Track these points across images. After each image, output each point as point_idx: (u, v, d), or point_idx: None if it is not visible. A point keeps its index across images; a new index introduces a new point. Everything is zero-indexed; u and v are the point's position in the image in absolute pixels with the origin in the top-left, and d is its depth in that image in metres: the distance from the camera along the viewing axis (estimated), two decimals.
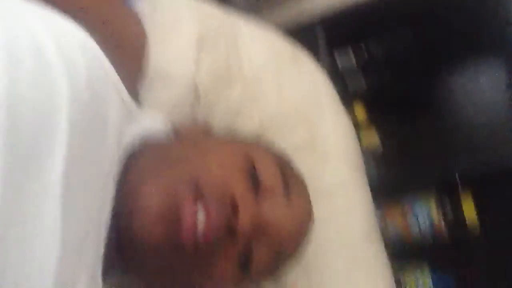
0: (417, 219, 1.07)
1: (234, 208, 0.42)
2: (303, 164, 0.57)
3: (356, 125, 0.88)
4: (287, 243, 0.47)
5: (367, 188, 0.74)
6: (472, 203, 1.04)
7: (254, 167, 0.46)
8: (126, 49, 0.50)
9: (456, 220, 1.05)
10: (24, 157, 0.32)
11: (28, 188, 0.32)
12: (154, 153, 0.47)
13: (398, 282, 1.03)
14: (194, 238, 0.40)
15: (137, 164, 0.45)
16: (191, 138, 0.53)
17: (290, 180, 0.49)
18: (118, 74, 0.45)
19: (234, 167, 0.45)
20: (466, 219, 1.04)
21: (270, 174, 0.47)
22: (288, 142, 0.67)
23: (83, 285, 0.37)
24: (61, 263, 0.33)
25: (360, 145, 0.89)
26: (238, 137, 0.59)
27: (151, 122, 0.52)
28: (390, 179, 1.09)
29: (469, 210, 1.04)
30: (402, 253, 1.06)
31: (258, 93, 0.68)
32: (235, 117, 0.65)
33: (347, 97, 0.86)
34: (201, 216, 0.40)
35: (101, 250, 0.41)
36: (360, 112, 1.21)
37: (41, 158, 0.33)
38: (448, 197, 1.07)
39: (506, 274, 1.03)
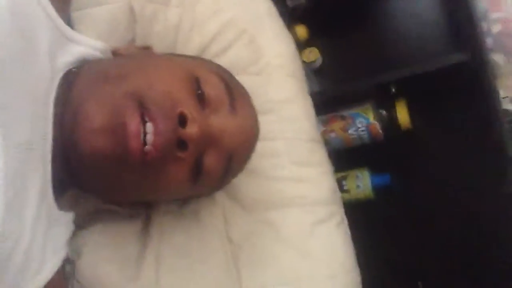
0: (357, 128, 1.14)
1: (182, 119, 0.43)
2: (247, 81, 0.59)
3: (298, 42, 0.90)
4: (236, 150, 0.50)
5: (310, 102, 0.78)
6: (406, 109, 1.13)
7: (198, 81, 0.48)
8: None
9: (392, 125, 1.14)
10: None
11: None
12: (95, 71, 0.47)
13: (340, 183, 1.13)
14: (141, 149, 0.41)
15: (78, 82, 0.45)
16: (132, 55, 0.53)
17: (234, 91, 0.51)
18: None
19: (178, 81, 0.46)
20: (400, 123, 1.13)
21: (214, 87, 0.48)
22: (230, 59, 0.68)
23: (33, 205, 0.39)
24: (7, 185, 0.34)
25: (302, 61, 0.93)
26: (180, 55, 0.59)
27: (89, 43, 0.51)
28: (331, 93, 1.15)
29: (403, 115, 1.13)
30: (344, 159, 1.16)
31: (197, 13, 0.68)
32: (174, 38, 0.65)
33: (287, 15, 0.87)
34: (149, 129, 0.41)
35: (48, 168, 0.42)
36: (301, 30, 1.22)
37: None
38: (384, 105, 1.15)
39: (434, 168, 1.16)
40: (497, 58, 1.04)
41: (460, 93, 1.10)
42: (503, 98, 1.00)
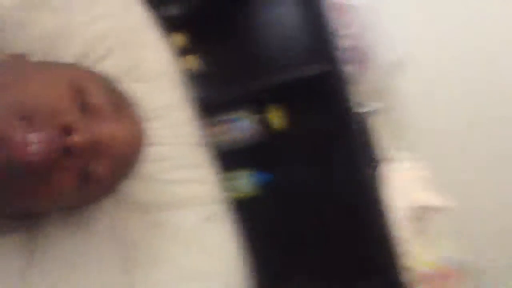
0: (238, 132, 1.22)
1: (66, 129, 0.44)
2: (129, 89, 0.61)
3: (177, 50, 0.93)
4: (121, 156, 0.51)
5: (192, 107, 0.82)
6: (280, 113, 1.24)
7: (80, 90, 0.48)
8: None
9: (267, 128, 1.24)
10: None
11: None
12: None
13: (224, 183, 1.19)
14: (26, 158, 0.41)
15: None
16: (7, 64, 0.51)
17: (117, 98, 0.52)
18: None
19: (60, 90, 0.46)
20: (275, 126, 1.24)
21: (96, 95, 0.49)
22: (109, 67, 0.68)
23: None
24: None
25: (183, 68, 0.96)
26: (58, 63, 0.58)
27: None
28: (212, 98, 1.20)
29: (277, 119, 1.24)
30: (227, 160, 1.22)
31: (73, 20, 0.67)
32: (50, 45, 0.63)
33: (165, 24, 0.90)
34: (32, 138, 0.41)
35: None
36: (179, 38, 1.25)
37: None
38: (260, 109, 1.25)
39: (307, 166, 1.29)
40: (349, 68, 1.21)
41: (321, 97, 1.25)
42: (356, 102, 1.17)
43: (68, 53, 0.65)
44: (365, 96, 1.24)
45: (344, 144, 1.20)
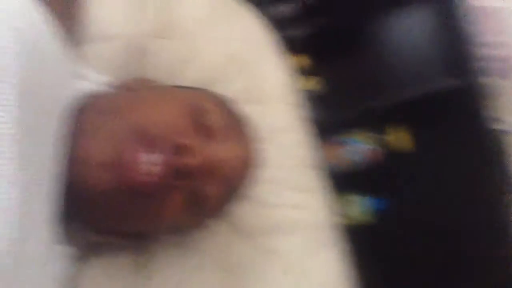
0: (354, 153, 1.17)
1: (180, 149, 0.44)
2: (246, 110, 0.61)
3: (298, 71, 0.93)
4: (234, 179, 0.51)
5: (308, 129, 0.80)
6: (404, 132, 1.15)
7: (198, 111, 0.49)
8: (66, 5, 0.50)
9: (387, 150, 1.16)
10: None
11: None
12: (97, 105, 0.48)
13: (338, 207, 1.14)
14: (139, 179, 0.42)
15: (81, 117, 0.46)
16: (134, 89, 0.54)
17: (234, 121, 0.52)
18: (56, 32, 0.44)
19: (177, 112, 0.47)
20: (398, 147, 1.15)
21: (214, 117, 0.50)
22: (231, 90, 0.70)
23: (34, 238, 0.39)
24: (21, 210, 0.34)
25: (301, 89, 0.95)
26: (181, 86, 0.62)
27: (94, 78, 0.53)
28: (328, 120, 1.17)
29: (401, 139, 1.15)
30: (341, 184, 1.17)
31: (200, 46, 0.70)
32: (179, 70, 0.67)
33: (287, 45, 0.91)
34: (146, 158, 0.42)
35: (53, 203, 0.42)
36: (301, 59, 1.26)
37: None
38: (381, 130, 1.17)
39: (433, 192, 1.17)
40: (489, 81, 1.06)
41: (454, 115, 1.13)
42: (493, 119, 1.03)
43: (189, 78, 0.68)
44: (504, 111, 1.08)
45: (478, 168, 1.06)
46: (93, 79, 0.53)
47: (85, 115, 0.47)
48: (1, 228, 0.33)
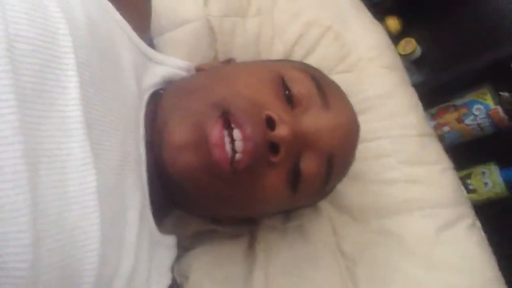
0: (475, 117, 1.00)
1: (270, 122, 0.40)
2: (338, 80, 0.55)
3: (391, 35, 0.83)
4: (335, 150, 0.45)
5: (413, 93, 0.70)
6: None
7: (284, 81, 0.44)
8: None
9: None
10: (35, 97, 0.31)
11: (47, 129, 0.31)
12: (178, 87, 0.47)
13: (464, 182, 0.99)
14: (228, 158, 0.39)
15: (163, 101, 0.45)
16: (214, 69, 0.52)
17: (326, 88, 0.46)
18: (127, 21, 0.43)
19: (262, 83, 0.43)
20: None
21: (302, 85, 0.45)
22: (316, 60, 0.64)
23: (134, 229, 0.37)
24: (102, 205, 0.33)
25: (399, 54, 0.85)
26: (264, 60, 0.57)
27: (172, 63, 0.51)
28: (438, 83, 1.04)
29: None
30: (464, 154, 1.02)
31: (276, 19, 0.66)
32: (256, 48, 0.63)
33: (376, 10, 0.81)
34: (236, 136, 0.39)
35: (145, 190, 0.41)
36: (393, 22, 1.14)
37: (54, 97, 0.32)
38: (504, 85, 0.99)
39: None
40: None
41: None
42: None
43: (274, 53, 0.64)
44: None
45: None
46: (170, 64, 0.51)
47: (166, 98, 0.45)
48: (90, 217, 0.32)
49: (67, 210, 0.31)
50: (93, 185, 0.32)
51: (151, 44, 0.52)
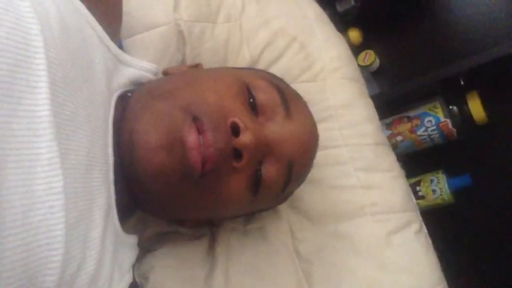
0: (426, 128, 1.06)
1: (235, 129, 0.42)
2: (301, 88, 0.57)
3: (352, 47, 0.87)
4: (294, 157, 0.47)
5: (371, 104, 0.74)
6: (479, 101, 1.03)
7: (249, 89, 0.46)
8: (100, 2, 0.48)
9: (464, 121, 1.04)
10: (4, 96, 0.31)
11: (15, 128, 0.31)
12: (146, 90, 0.47)
13: (414, 188, 1.05)
14: (201, 161, 0.40)
15: (131, 102, 0.45)
16: (182, 73, 0.53)
17: (288, 97, 0.48)
18: (98, 21, 0.44)
19: (228, 90, 0.45)
20: (475, 118, 1.03)
21: (266, 94, 0.46)
22: (281, 68, 0.66)
23: (99, 228, 0.38)
24: (67, 204, 0.33)
25: (359, 65, 0.89)
26: (229, 67, 0.59)
27: (140, 65, 0.52)
28: (394, 95, 1.09)
29: (477, 108, 1.03)
30: (415, 163, 1.08)
31: (244, 27, 0.67)
32: (224, 54, 0.64)
33: (339, 22, 0.85)
34: (201, 140, 0.40)
35: (111, 190, 0.41)
36: (354, 34, 1.18)
37: (23, 96, 0.32)
38: (454, 100, 1.06)
39: None
40: None
41: None
42: None
43: (240, 60, 0.65)
44: None
45: None
46: (137, 66, 0.51)
47: (135, 101, 0.46)
48: (55, 216, 0.32)
49: (32, 209, 0.31)
50: (59, 185, 0.33)
51: (119, 45, 0.52)
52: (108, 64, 0.44)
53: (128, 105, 0.45)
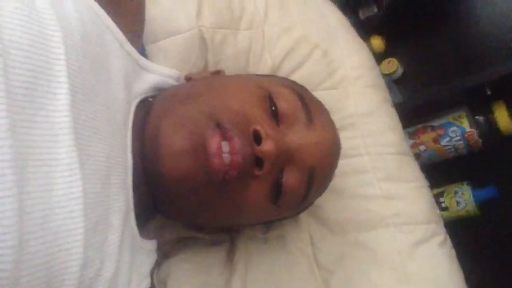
0: (451, 138, 1.04)
1: (257, 136, 0.42)
2: (323, 96, 0.57)
3: (375, 54, 0.86)
4: (316, 166, 0.47)
5: (394, 112, 0.73)
6: (506, 111, 1.00)
7: (271, 97, 0.46)
8: (124, 4, 0.49)
9: (490, 132, 1.01)
10: (26, 102, 0.31)
11: (36, 134, 0.32)
12: (169, 95, 0.48)
13: (437, 199, 1.03)
14: (222, 166, 0.40)
15: (154, 108, 0.45)
16: (204, 80, 0.53)
17: (310, 105, 0.48)
18: (120, 27, 0.44)
19: (250, 98, 0.45)
20: (501, 128, 1.00)
21: (288, 102, 0.46)
22: (303, 75, 0.66)
23: (117, 233, 0.38)
24: (86, 210, 0.33)
25: (382, 73, 0.88)
26: (251, 74, 0.59)
27: (162, 71, 0.52)
28: (417, 103, 1.07)
29: (503, 119, 1.00)
30: (439, 173, 1.05)
31: (267, 34, 0.67)
32: (246, 61, 0.65)
33: (362, 29, 0.84)
34: (225, 147, 0.40)
35: (130, 195, 0.41)
36: (377, 41, 1.17)
37: (44, 102, 0.32)
38: (480, 110, 1.03)
39: None
40: None
41: None
42: None
43: (262, 67, 0.65)
44: None
45: None
46: (159, 72, 0.52)
47: (158, 105, 0.46)
48: (75, 221, 0.33)
49: (52, 214, 0.32)
50: (79, 190, 0.33)
51: (142, 51, 0.53)
52: (128, 70, 0.45)
53: (151, 110, 0.45)
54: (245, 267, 0.55)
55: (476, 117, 1.03)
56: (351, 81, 0.70)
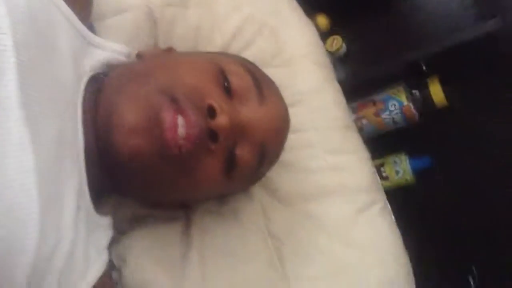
0: (390, 112, 1.11)
1: (211, 111, 0.43)
2: (272, 74, 0.58)
3: (320, 32, 0.89)
4: (267, 140, 0.49)
5: (339, 89, 0.76)
6: (440, 85, 1.08)
7: (223, 73, 0.47)
8: None
9: (426, 105, 1.09)
10: None
11: None
12: (122, 72, 0.47)
13: (379, 169, 1.10)
14: (177, 141, 0.41)
15: (106, 85, 0.45)
16: (156, 57, 0.53)
17: (261, 81, 0.50)
18: (68, 3, 0.43)
19: (204, 74, 0.46)
20: (435, 102, 1.08)
21: (240, 78, 0.48)
22: (252, 53, 0.68)
23: (71, 207, 0.39)
24: (40, 183, 0.34)
25: (326, 50, 0.91)
26: (204, 52, 0.59)
27: (113, 48, 0.52)
28: (359, 78, 1.12)
29: (437, 93, 1.08)
30: (379, 145, 1.13)
31: (216, 12, 0.67)
32: (195, 39, 0.65)
33: (307, 5, 0.86)
34: (180, 121, 0.41)
35: (83, 170, 0.42)
36: (322, 19, 1.20)
37: None
38: (416, 85, 1.11)
39: (477, 144, 1.10)
40: None
41: (493, 63, 1.05)
42: None
43: (212, 45, 0.66)
44: None
45: None
46: (109, 48, 0.51)
47: (110, 83, 0.46)
48: (28, 194, 0.33)
49: (6, 187, 0.32)
50: (30, 163, 0.33)
51: (91, 28, 0.52)
52: (77, 46, 0.44)
53: (103, 88, 0.45)
54: (201, 241, 0.57)
55: (413, 91, 1.10)
56: (298, 59, 0.72)
